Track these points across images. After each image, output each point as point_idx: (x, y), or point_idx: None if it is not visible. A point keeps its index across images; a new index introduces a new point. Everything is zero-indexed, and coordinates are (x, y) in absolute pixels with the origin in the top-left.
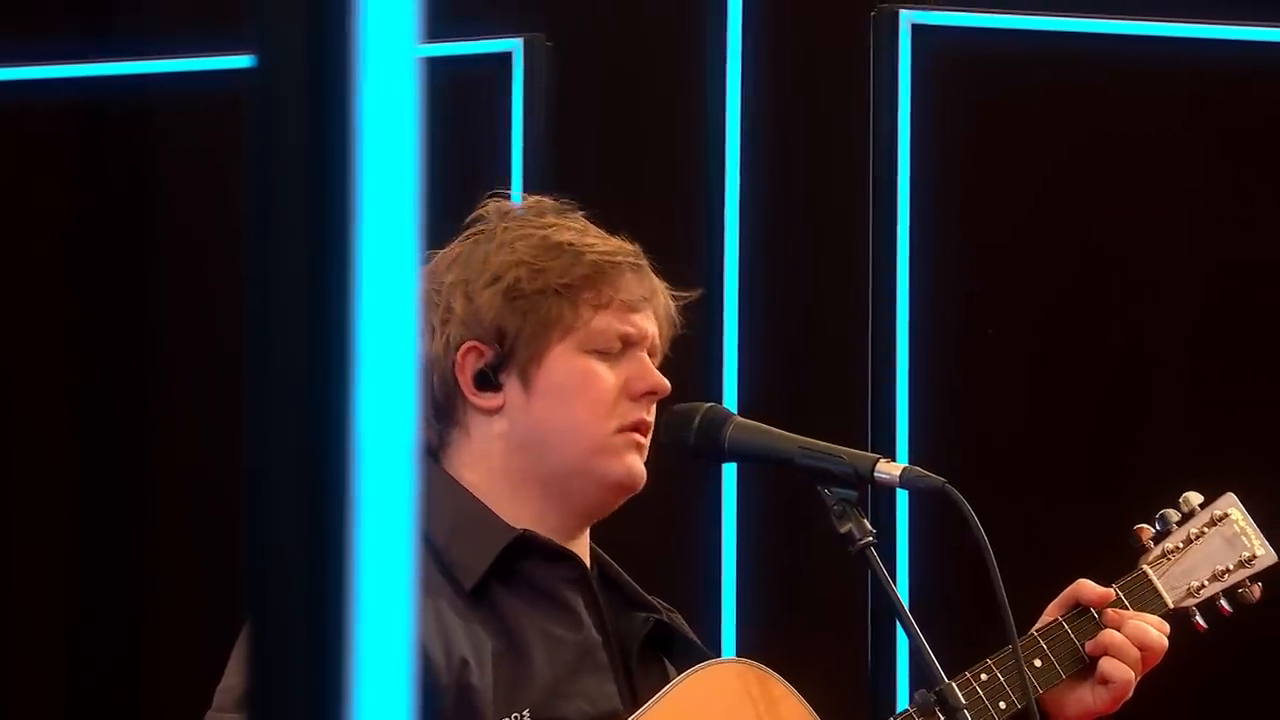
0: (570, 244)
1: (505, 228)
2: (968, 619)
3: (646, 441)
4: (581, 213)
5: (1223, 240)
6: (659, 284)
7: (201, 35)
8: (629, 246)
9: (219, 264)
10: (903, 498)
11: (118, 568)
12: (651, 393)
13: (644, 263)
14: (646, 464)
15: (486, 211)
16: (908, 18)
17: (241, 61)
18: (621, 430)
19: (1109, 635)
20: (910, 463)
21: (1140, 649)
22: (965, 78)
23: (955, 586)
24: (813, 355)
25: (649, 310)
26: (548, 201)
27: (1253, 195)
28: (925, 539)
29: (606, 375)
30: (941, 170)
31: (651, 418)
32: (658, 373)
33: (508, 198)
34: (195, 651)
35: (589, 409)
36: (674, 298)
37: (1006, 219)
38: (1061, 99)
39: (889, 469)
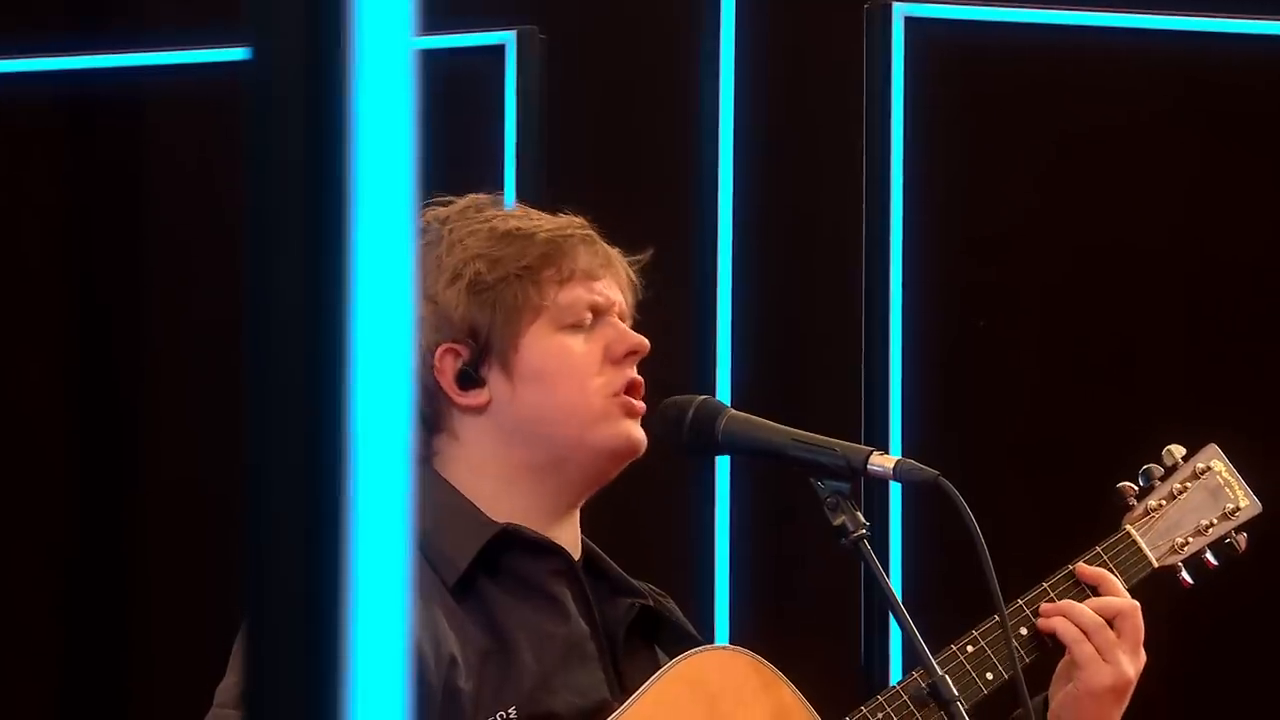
0: (519, 229)
1: (450, 229)
2: (961, 611)
3: (640, 404)
4: (527, 202)
5: (1213, 231)
6: (613, 251)
7: (193, 28)
8: (576, 220)
9: (212, 257)
10: (896, 490)
11: (111, 565)
12: (633, 353)
13: (593, 233)
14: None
15: (426, 221)
16: (901, 10)
17: (233, 54)
18: (612, 395)
19: (1054, 622)
20: (903, 455)
21: (1111, 618)
22: (958, 70)
23: (948, 579)
24: (806, 348)
25: (609, 277)
26: (483, 197)
27: (1243, 186)
28: (918, 531)
29: (585, 347)
30: (934, 162)
31: (638, 378)
32: (634, 333)
33: (445, 204)
34: (190, 651)
35: (574, 384)
36: (630, 263)
37: (999, 211)
38: (1054, 91)
39: (882, 461)
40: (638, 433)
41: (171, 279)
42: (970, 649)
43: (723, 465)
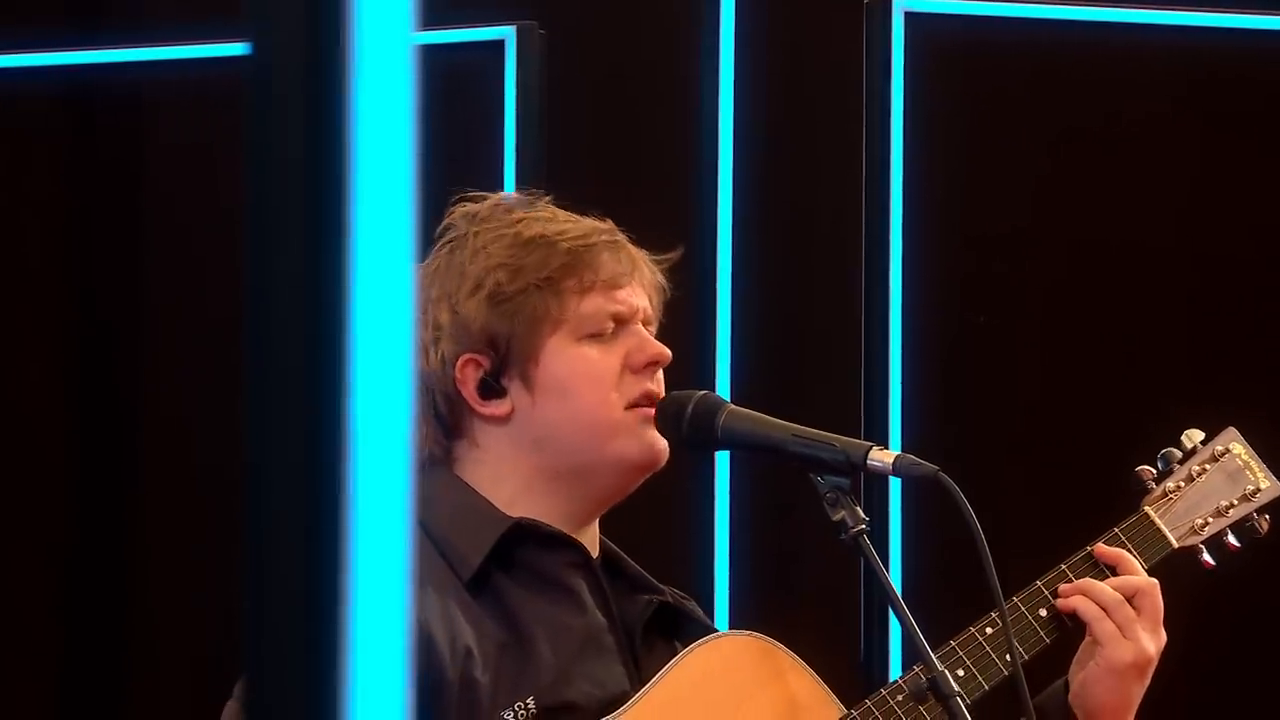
0: (542, 235)
1: (476, 233)
2: (960, 606)
3: (653, 412)
4: (548, 197)
5: (1214, 227)
6: (639, 254)
7: (193, 22)
8: (602, 225)
9: (212, 253)
10: (895, 485)
11: (111, 565)
12: (653, 363)
13: (619, 238)
14: None
15: (455, 219)
16: (900, 6)
17: (233, 49)
18: (631, 406)
19: (1074, 601)
20: (903, 451)
21: (1130, 595)
22: (958, 66)
23: (948, 574)
24: (806, 344)
25: (633, 284)
26: (513, 195)
27: (1245, 182)
28: (918, 527)
29: (605, 356)
30: (934, 158)
31: (659, 388)
32: (656, 342)
33: (474, 200)
34: (190, 651)
35: (594, 394)
36: (656, 263)
37: (999, 207)
38: (1054, 86)
39: (882, 457)
40: (660, 443)
41: (171, 276)
42: (989, 630)
43: (722, 461)
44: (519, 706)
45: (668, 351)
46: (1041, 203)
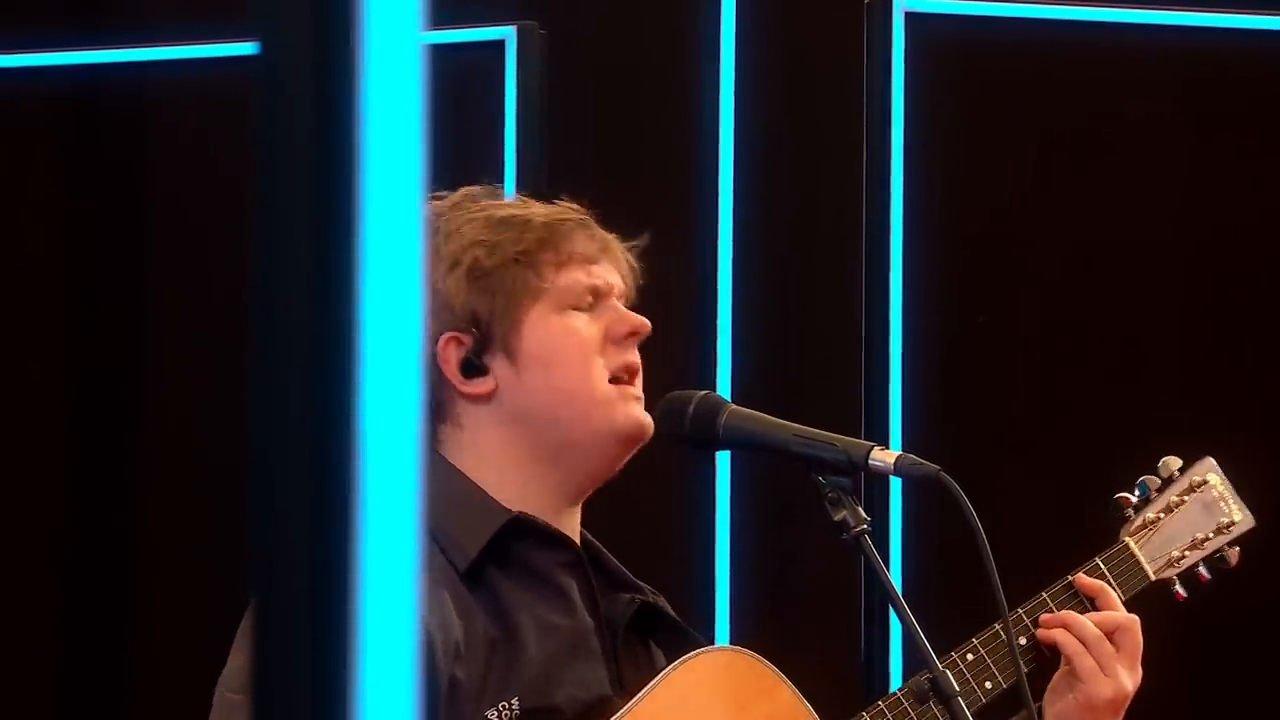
0: (515, 215)
1: (447, 219)
2: (962, 606)
3: (640, 390)
4: (525, 192)
5: (1211, 225)
6: (610, 237)
7: (195, 22)
8: (573, 206)
9: (217, 252)
10: (896, 485)
11: (111, 565)
12: (634, 333)
13: (589, 218)
14: (642, 447)
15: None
16: (900, 5)
17: (236, 49)
18: (615, 380)
19: (1055, 634)
20: (904, 450)
21: (1110, 631)
22: (958, 66)
23: (949, 574)
24: (807, 344)
25: (607, 262)
26: (477, 188)
27: (1240, 179)
28: (919, 526)
29: (587, 326)
30: (935, 158)
31: (638, 361)
32: (635, 314)
33: (439, 198)
34: (191, 651)
35: (578, 363)
36: (628, 248)
37: (999, 206)
38: (1055, 86)
39: (883, 456)
40: (644, 416)
41: (174, 276)
42: (970, 656)
43: (723, 461)
44: (503, 706)
45: (647, 322)
46: (1041, 203)
